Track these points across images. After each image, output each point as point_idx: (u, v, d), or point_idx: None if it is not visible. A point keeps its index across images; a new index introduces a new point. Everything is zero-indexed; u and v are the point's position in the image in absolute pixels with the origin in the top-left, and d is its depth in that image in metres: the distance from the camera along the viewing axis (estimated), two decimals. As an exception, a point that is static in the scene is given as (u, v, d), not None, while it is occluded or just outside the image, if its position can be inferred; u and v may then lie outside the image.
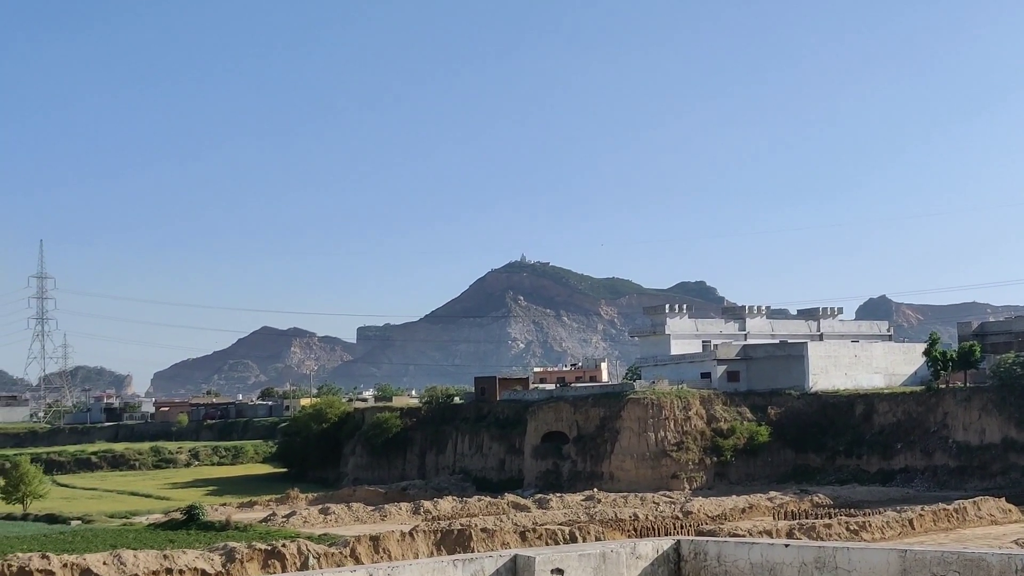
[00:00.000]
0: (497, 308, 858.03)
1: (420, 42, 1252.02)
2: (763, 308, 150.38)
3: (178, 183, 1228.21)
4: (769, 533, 66.86)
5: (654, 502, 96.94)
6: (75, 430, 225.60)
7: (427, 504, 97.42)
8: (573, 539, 63.46)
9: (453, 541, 57.31)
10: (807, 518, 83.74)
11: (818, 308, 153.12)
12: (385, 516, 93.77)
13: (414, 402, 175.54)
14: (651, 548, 13.33)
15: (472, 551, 57.35)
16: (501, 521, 77.38)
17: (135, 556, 48.02)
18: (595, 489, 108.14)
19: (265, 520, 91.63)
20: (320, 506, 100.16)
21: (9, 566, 44.64)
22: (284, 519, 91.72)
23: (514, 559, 12.71)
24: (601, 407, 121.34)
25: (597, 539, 64.86)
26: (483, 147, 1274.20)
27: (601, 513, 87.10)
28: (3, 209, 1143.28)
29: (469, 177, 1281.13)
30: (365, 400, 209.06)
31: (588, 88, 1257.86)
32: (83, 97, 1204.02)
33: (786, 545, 12.75)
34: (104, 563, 46.69)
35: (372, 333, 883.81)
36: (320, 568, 48.21)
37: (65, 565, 45.63)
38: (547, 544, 61.15)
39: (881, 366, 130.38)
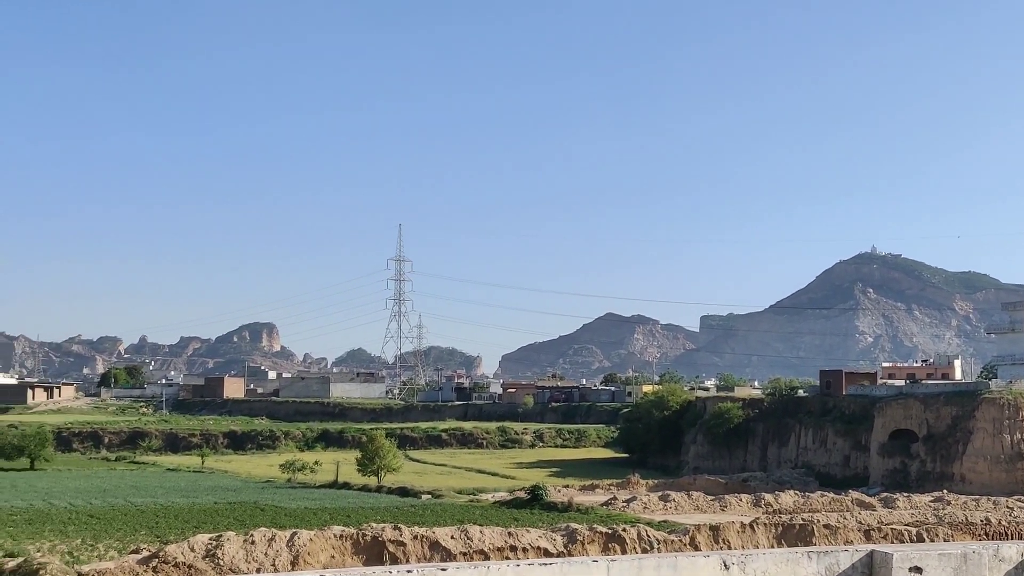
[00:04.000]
0: (844, 300, 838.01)
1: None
2: None
3: (527, 171, 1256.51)
4: None
5: (1008, 507, 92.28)
6: (427, 408, 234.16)
7: (768, 497, 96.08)
8: (920, 540, 61.22)
9: (794, 536, 56.28)
10: None
11: None
12: (725, 507, 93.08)
13: (756, 393, 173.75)
14: (1015, 551, 12.70)
15: (826, 546, 56.20)
16: (845, 518, 75.42)
17: (481, 532, 49.31)
18: (944, 490, 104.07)
19: (606, 504, 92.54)
20: (660, 493, 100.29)
21: (363, 535, 46.60)
22: (624, 504, 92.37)
23: (870, 555, 12.36)
24: (953, 406, 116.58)
25: (946, 542, 62.31)
26: (835, 135, 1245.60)
27: (950, 515, 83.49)
28: (367, 195, 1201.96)
29: (820, 165, 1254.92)
30: (707, 389, 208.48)
31: (946, 79, 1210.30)
32: (437, 88, 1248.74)
33: None
34: (452, 537, 48.15)
35: (715, 322, 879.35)
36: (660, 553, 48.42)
37: (416, 537, 47.30)
38: (894, 543, 59.25)
39: None
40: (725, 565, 10.84)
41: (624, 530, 51.30)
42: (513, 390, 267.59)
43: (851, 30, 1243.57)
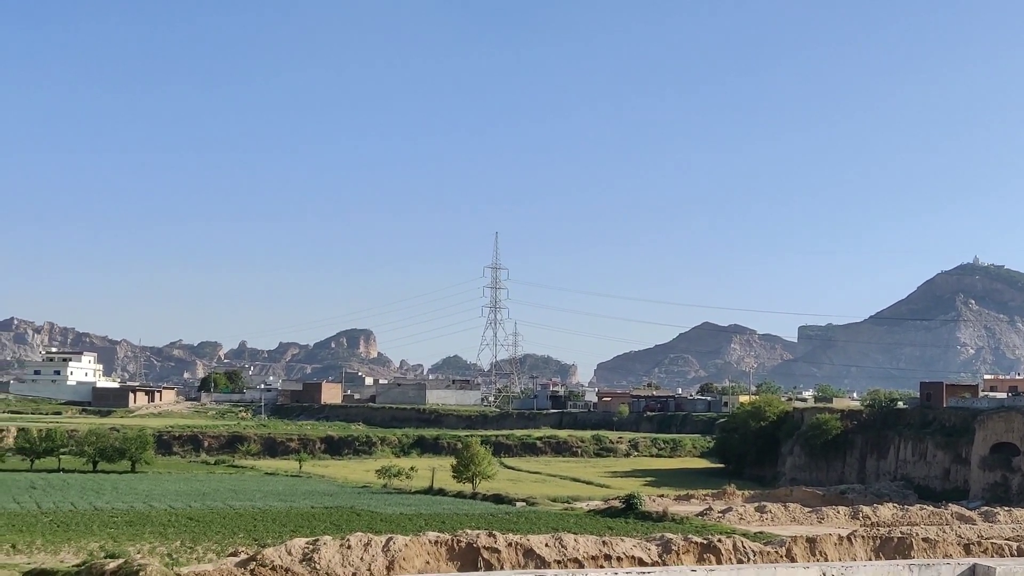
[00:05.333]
0: (946, 311, 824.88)
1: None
2: None
3: (622, 181, 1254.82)
4: None
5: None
6: (522, 415, 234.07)
7: (866, 509, 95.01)
8: (1022, 555, 60.14)
9: (892, 549, 55.53)
10: None
11: None
12: (822, 519, 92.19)
13: (855, 404, 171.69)
14: (1117, 569, 12.52)
15: (927, 559, 55.37)
16: (944, 532, 74.34)
17: (575, 540, 49.31)
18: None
19: (701, 514, 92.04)
20: (756, 504, 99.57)
21: (458, 541, 46.81)
22: (720, 514, 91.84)
23: (972, 568, 12.26)
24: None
25: (1050, 558, 61.06)
26: (937, 144, 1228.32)
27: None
28: (465, 203, 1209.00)
29: (921, 175, 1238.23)
30: (804, 400, 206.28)
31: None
32: (535, 101, 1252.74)
33: None
34: (546, 545, 48.21)
35: (814, 332, 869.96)
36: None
37: (510, 544, 47.41)
38: (994, 558, 58.20)
39: None
40: (824, 576, 10.73)
41: (719, 541, 51.02)
42: (608, 399, 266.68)
43: (954, 36, 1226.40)
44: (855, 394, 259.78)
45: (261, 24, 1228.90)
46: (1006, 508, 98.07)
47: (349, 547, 44.42)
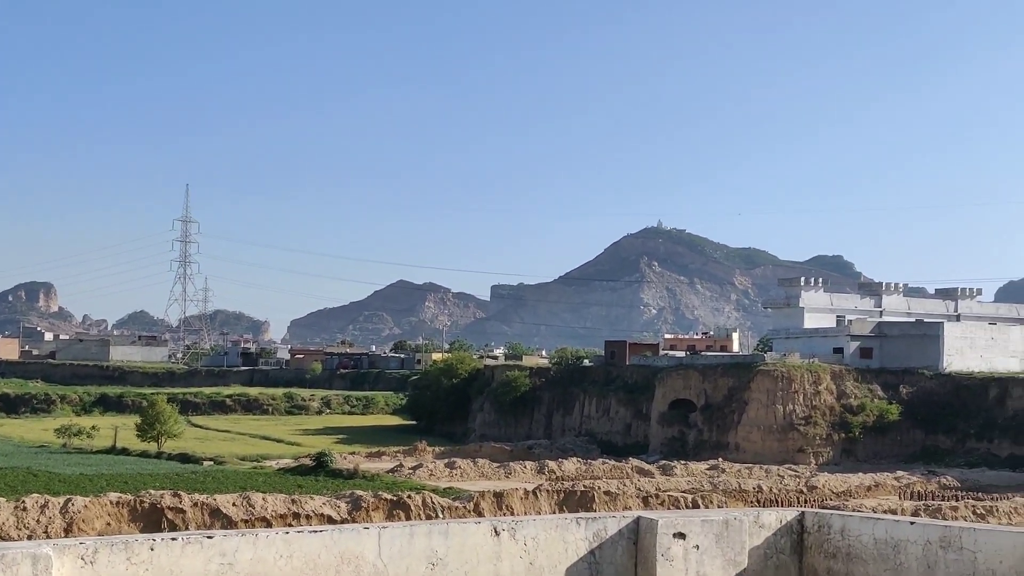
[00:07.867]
0: (631, 273, 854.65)
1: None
2: (900, 285, 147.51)
3: (320, 134, 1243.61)
4: (894, 512, 65.68)
5: (779, 475, 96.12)
6: (211, 373, 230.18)
7: (552, 464, 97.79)
8: (695, 506, 63.21)
9: (576, 502, 57.43)
10: (933, 499, 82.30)
11: (956, 288, 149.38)
12: (510, 474, 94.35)
13: (544, 362, 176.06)
14: (775, 518, 13.23)
15: (594, 512, 57.41)
16: (624, 485, 77.24)
17: (264, 499, 49.01)
18: (720, 459, 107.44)
19: (392, 471, 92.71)
20: (446, 460, 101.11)
21: (142, 502, 45.80)
22: (411, 471, 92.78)
23: (637, 521, 12.69)
24: (730, 377, 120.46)
25: (719, 508, 64.42)
26: (623, 111, 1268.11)
27: (725, 483, 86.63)
28: (153, 153, 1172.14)
29: (607, 141, 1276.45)
30: (495, 358, 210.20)
31: (739, 58, 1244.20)
32: (228, 44, 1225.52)
33: (911, 523, 12.53)
34: (233, 504, 47.74)
35: (505, 292, 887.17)
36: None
37: (196, 504, 46.73)
38: (669, 510, 61.00)
39: (1018, 350, 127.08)
40: (496, 531, 10.94)
41: (409, 497, 51.65)
42: (301, 356, 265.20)
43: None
44: (544, 352, 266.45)
45: None
46: (683, 461, 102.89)
47: (24, 509, 42.83)
